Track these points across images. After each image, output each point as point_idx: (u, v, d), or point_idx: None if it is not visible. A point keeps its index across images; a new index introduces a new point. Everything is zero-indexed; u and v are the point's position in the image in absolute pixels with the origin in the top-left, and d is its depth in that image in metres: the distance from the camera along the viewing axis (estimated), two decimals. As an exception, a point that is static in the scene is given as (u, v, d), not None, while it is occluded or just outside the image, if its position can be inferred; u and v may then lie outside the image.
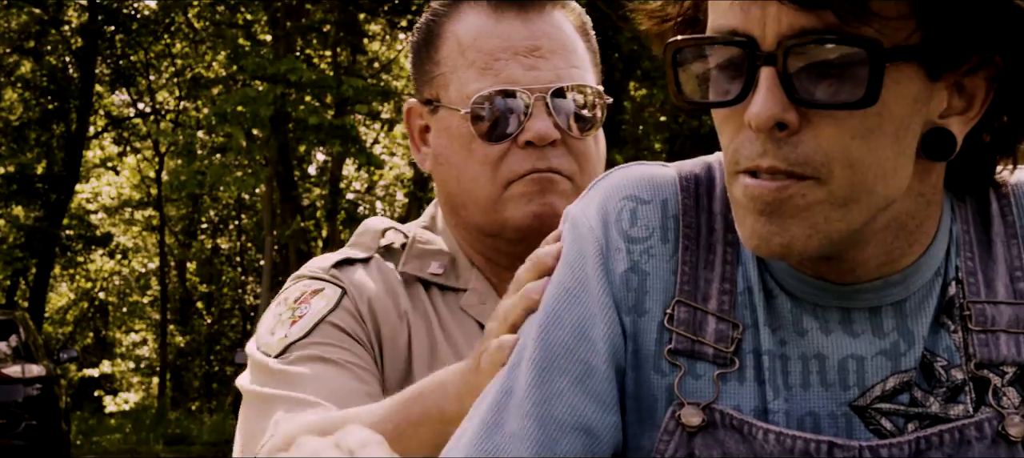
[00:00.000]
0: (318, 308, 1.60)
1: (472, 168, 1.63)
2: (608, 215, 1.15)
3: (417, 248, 1.70)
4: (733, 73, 1.02)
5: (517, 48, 1.62)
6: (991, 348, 1.09)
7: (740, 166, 1.03)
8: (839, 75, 0.98)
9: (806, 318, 1.11)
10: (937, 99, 1.03)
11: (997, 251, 1.13)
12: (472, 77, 1.62)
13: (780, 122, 0.98)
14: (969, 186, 1.14)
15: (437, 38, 1.68)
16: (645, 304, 1.13)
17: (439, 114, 1.67)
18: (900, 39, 0.97)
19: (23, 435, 12.12)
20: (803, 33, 0.97)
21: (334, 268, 1.65)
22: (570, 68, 1.64)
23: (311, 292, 1.63)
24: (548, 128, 1.60)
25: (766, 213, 1.02)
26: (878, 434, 1.09)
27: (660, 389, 1.11)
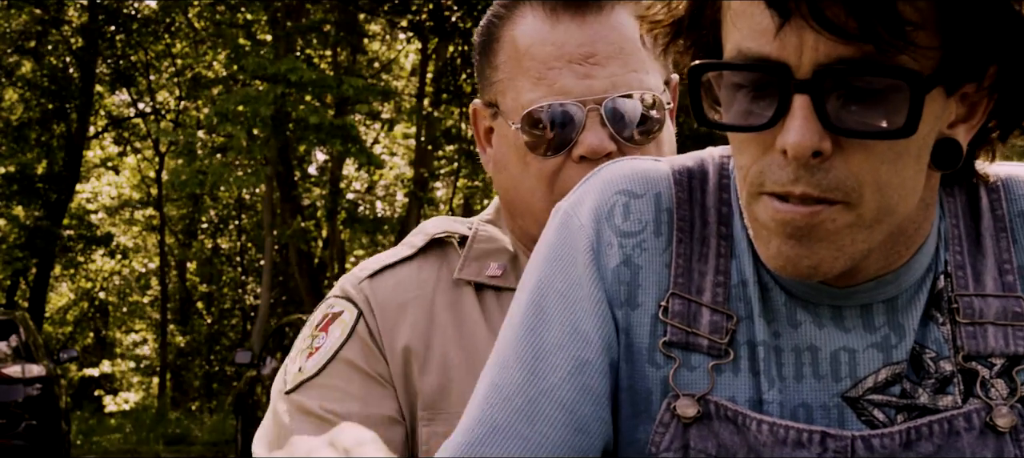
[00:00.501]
0: (333, 340, 1.59)
1: (528, 180, 1.58)
2: (600, 210, 1.16)
3: (477, 248, 1.66)
4: (759, 96, 1.01)
5: (571, 55, 1.56)
6: (979, 340, 1.10)
7: (767, 188, 1.03)
8: (875, 104, 0.97)
9: (800, 311, 1.12)
10: (949, 111, 1.04)
11: (986, 245, 1.14)
12: (526, 87, 1.57)
13: (816, 150, 0.98)
14: (956, 180, 1.15)
15: (496, 42, 1.63)
16: (638, 297, 1.14)
17: (499, 120, 1.63)
18: (930, 66, 0.98)
19: (23, 435, 12.12)
20: (840, 62, 0.96)
21: (367, 280, 1.63)
22: (628, 73, 1.57)
23: (331, 316, 1.62)
24: (602, 141, 1.53)
25: (796, 237, 1.02)
26: (870, 425, 1.10)
27: (655, 382, 1.12)
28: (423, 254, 1.66)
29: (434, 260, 1.66)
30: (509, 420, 1.10)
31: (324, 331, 1.61)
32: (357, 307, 1.60)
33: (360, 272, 1.66)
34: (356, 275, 1.66)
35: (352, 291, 1.63)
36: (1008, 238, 1.14)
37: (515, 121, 1.56)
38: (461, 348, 1.59)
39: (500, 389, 1.12)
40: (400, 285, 1.63)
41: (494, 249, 1.65)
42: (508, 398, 1.11)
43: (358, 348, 1.58)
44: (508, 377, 1.12)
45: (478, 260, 1.64)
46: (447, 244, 1.67)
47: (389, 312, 1.60)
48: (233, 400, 16.81)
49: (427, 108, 21.01)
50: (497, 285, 1.62)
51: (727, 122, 1.04)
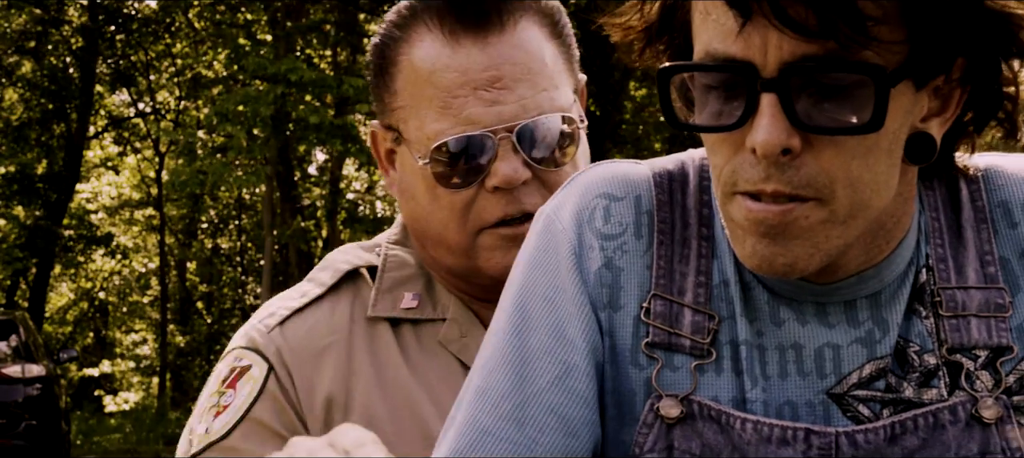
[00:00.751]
0: (242, 398, 1.48)
1: (440, 213, 1.49)
2: (581, 213, 1.17)
3: (389, 278, 1.56)
4: (729, 96, 1.02)
5: (476, 81, 1.46)
6: (962, 333, 1.11)
7: (739, 188, 1.03)
8: (842, 100, 0.98)
9: (783, 309, 1.12)
10: (920, 105, 1.05)
11: (967, 236, 1.14)
12: (431, 117, 1.47)
13: (785, 148, 0.99)
14: (935, 173, 1.16)
15: (392, 65, 1.52)
16: (620, 299, 1.14)
17: (402, 148, 1.53)
18: (896, 61, 0.98)
19: (23, 435, 12.12)
20: (805, 60, 0.97)
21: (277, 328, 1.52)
22: (538, 94, 1.48)
23: (239, 371, 1.50)
24: (515, 170, 1.46)
25: (769, 235, 1.03)
26: (855, 420, 1.10)
27: (638, 383, 1.13)
28: (334, 292, 1.55)
29: (347, 296, 1.55)
30: (498, 425, 1.11)
31: (231, 387, 1.49)
32: (267, 361, 1.49)
33: (268, 318, 1.53)
34: (264, 322, 1.53)
35: (261, 342, 1.51)
36: (989, 229, 1.14)
37: (421, 153, 1.48)
38: (383, 394, 1.49)
39: (487, 394, 1.12)
40: (314, 331, 1.52)
41: (406, 277, 1.56)
42: (496, 403, 1.12)
43: (270, 407, 1.47)
44: (495, 382, 1.13)
45: (391, 292, 1.55)
46: (359, 277, 1.57)
47: (305, 363, 1.49)
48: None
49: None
50: (414, 317, 1.53)
51: (699, 123, 1.05)
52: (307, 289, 1.57)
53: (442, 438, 1.14)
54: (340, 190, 22.67)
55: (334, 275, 1.56)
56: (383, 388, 1.49)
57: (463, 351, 1.51)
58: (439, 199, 1.49)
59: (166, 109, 25.26)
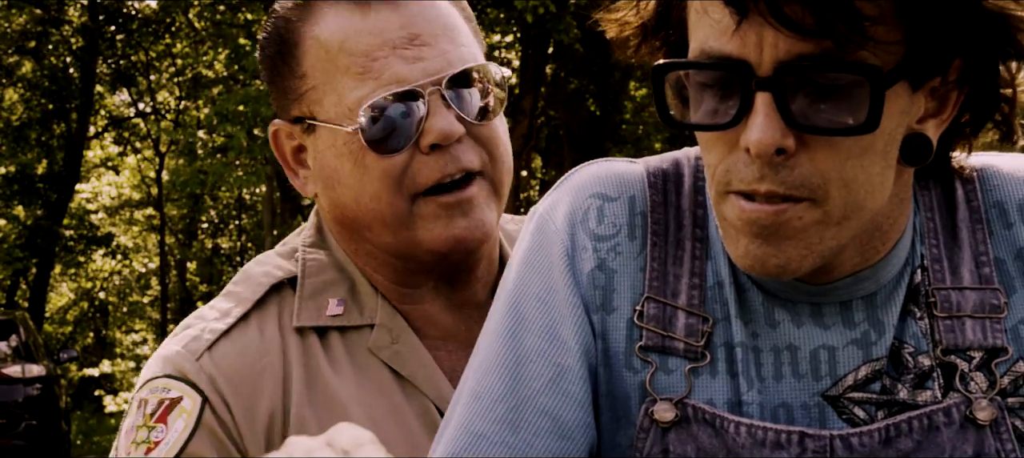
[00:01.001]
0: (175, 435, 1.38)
1: (371, 185, 1.42)
2: (575, 214, 1.16)
3: (310, 284, 1.48)
4: (724, 95, 1.02)
5: (395, 41, 1.40)
6: (957, 334, 1.10)
7: (733, 187, 1.03)
8: (837, 100, 0.98)
9: (778, 311, 1.12)
10: (916, 106, 1.04)
11: (962, 237, 1.14)
12: (351, 85, 1.40)
13: (779, 148, 0.98)
14: (931, 173, 1.15)
15: (295, 47, 1.45)
16: (613, 302, 1.14)
17: (318, 133, 1.45)
18: (893, 61, 0.98)
19: (23, 435, 12.11)
20: (800, 59, 0.96)
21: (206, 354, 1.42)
22: (460, 48, 1.43)
23: (169, 403, 1.40)
24: (451, 124, 1.40)
25: (763, 236, 1.02)
26: (850, 422, 1.10)
27: (633, 386, 1.12)
28: (260, 308, 1.47)
29: (273, 310, 1.47)
30: (492, 428, 1.11)
31: (162, 422, 1.39)
32: (200, 392, 1.39)
33: (193, 343, 1.43)
34: (189, 348, 1.43)
35: (191, 371, 1.41)
36: (984, 230, 1.14)
37: (345, 123, 1.40)
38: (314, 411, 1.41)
39: (481, 397, 1.12)
40: (246, 354, 1.42)
41: (328, 281, 1.49)
42: (490, 407, 1.11)
43: (208, 440, 1.38)
44: (489, 385, 1.13)
45: (314, 299, 1.47)
46: (283, 288, 1.49)
47: (242, 390, 1.40)
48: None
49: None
50: (341, 325, 1.46)
51: (693, 121, 1.04)
52: (228, 307, 1.47)
53: (437, 441, 1.14)
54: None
55: (256, 289, 1.48)
56: (314, 404, 1.41)
57: (395, 358, 1.45)
58: (370, 170, 1.41)
59: (166, 109, 25.25)
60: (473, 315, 1.53)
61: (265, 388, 1.41)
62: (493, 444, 1.10)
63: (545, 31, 16.09)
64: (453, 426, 1.13)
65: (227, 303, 1.48)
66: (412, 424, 1.43)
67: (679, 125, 1.06)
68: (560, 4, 14.83)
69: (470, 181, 1.44)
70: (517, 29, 17.94)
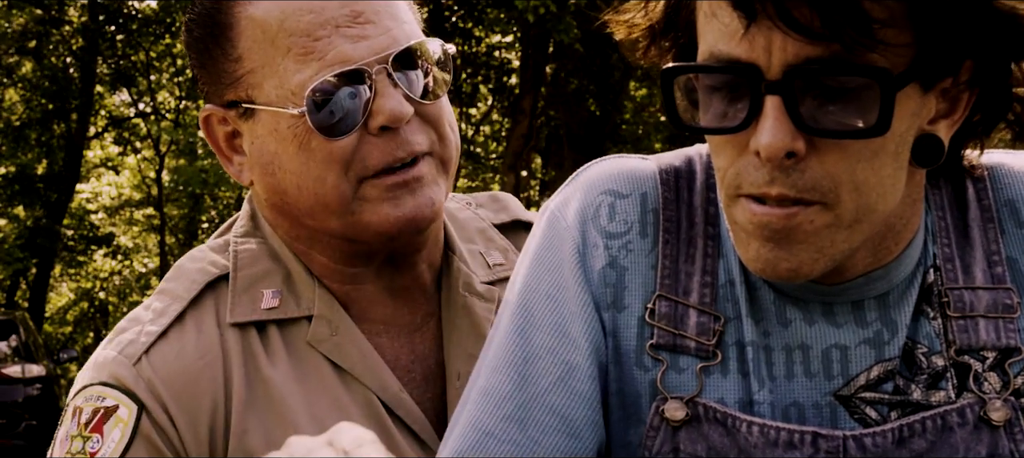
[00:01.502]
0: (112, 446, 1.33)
1: (315, 169, 1.36)
2: (586, 211, 1.15)
3: (243, 278, 1.43)
4: (734, 98, 1.01)
5: (338, 19, 1.34)
6: (971, 334, 1.10)
7: (743, 190, 1.02)
8: (847, 103, 0.97)
9: (789, 309, 1.11)
10: (927, 108, 1.04)
11: (974, 236, 1.13)
12: (293, 67, 1.34)
13: (789, 151, 0.98)
14: (942, 173, 1.15)
15: (228, 29, 1.38)
16: (624, 299, 1.13)
17: (257, 117, 1.38)
18: (903, 63, 0.97)
19: (23, 435, 12.12)
20: (809, 62, 0.96)
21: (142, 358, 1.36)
22: (403, 25, 1.37)
23: (104, 412, 1.35)
24: (401, 105, 1.34)
25: (774, 239, 1.02)
26: (863, 423, 1.09)
27: (643, 384, 1.12)
28: (195, 306, 1.41)
29: (209, 308, 1.42)
30: (500, 426, 1.10)
31: (97, 432, 1.34)
32: (136, 400, 1.34)
33: (129, 348, 1.37)
34: (125, 352, 1.37)
35: (127, 378, 1.35)
36: (995, 228, 1.13)
37: (289, 106, 1.34)
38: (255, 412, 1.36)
39: (490, 394, 1.12)
40: (184, 356, 1.37)
41: (262, 272, 1.44)
42: (498, 404, 1.11)
43: (146, 449, 1.33)
44: (497, 382, 1.12)
45: (248, 291, 1.42)
46: (219, 283, 1.43)
47: (182, 395, 1.35)
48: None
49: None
50: (277, 318, 1.41)
51: (703, 124, 1.04)
52: (163, 306, 1.42)
53: (446, 439, 1.14)
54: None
55: (191, 287, 1.43)
56: (254, 403, 1.37)
57: (335, 351, 1.41)
58: (314, 154, 1.35)
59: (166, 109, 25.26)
60: (417, 299, 1.49)
61: (205, 390, 1.36)
62: (501, 441, 1.10)
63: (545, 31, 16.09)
64: (462, 423, 1.13)
65: (161, 302, 1.43)
66: (355, 417, 1.38)
67: (689, 128, 1.06)
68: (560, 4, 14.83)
69: (418, 160, 1.39)
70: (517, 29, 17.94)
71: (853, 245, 1.04)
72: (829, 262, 1.03)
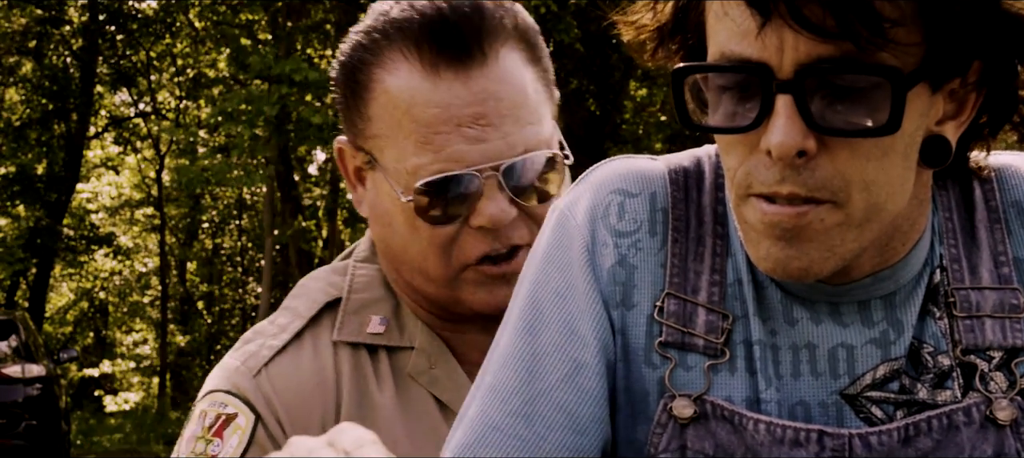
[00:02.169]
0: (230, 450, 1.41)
1: (419, 244, 1.43)
2: (596, 210, 1.16)
3: (355, 301, 1.50)
4: (744, 98, 1.01)
5: (460, 118, 1.38)
6: (977, 333, 1.10)
7: (754, 190, 1.03)
8: (857, 102, 0.97)
9: (796, 308, 1.11)
10: (935, 108, 1.04)
11: (980, 237, 1.13)
12: (410, 150, 1.40)
13: (800, 150, 0.98)
14: (949, 174, 1.15)
15: (365, 90, 1.44)
16: (633, 298, 1.13)
17: (377, 173, 1.46)
18: (913, 63, 0.98)
19: (23, 435, 12.12)
20: (821, 61, 0.96)
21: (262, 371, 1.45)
22: (523, 128, 1.42)
23: (225, 419, 1.43)
24: (502, 210, 1.40)
25: (784, 238, 1.02)
26: (868, 422, 1.09)
27: (651, 382, 1.12)
28: (314, 324, 1.49)
29: (326, 327, 1.49)
30: (506, 421, 1.10)
31: (218, 436, 1.42)
32: (254, 411, 1.43)
33: (251, 360, 1.46)
34: (247, 365, 1.46)
35: (247, 388, 1.44)
36: (1003, 229, 1.13)
37: (402, 187, 1.41)
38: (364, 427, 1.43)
39: (497, 390, 1.12)
40: (300, 373, 1.45)
41: (374, 299, 1.51)
42: (505, 399, 1.11)
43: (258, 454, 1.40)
44: (505, 378, 1.13)
45: (357, 314, 1.49)
46: (337, 306, 1.51)
47: (296, 409, 1.43)
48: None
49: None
50: (380, 344, 1.48)
51: (713, 124, 1.04)
52: (286, 322, 1.50)
53: (452, 434, 1.14)
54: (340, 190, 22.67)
55: (311, 306, 1.51)
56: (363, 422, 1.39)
57: (433, 384, 1.47)
58: (419, 232, 1.43)
59: (167, 109, 25.26)
60: None
61: (316, 407, 1.44)
62: (507, 436, 1.10)
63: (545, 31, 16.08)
64: (468, 418, 1.13)
65: (284, 318, 1.51)
66: None
67: (699, 128, 1.06)
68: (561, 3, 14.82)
69: (516, 252, 1.44)
70: (517, 29, 17.91)
71: (863, 244, 1.04)
72: (839, 261, 1.03)
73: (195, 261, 29.48)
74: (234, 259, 29.65)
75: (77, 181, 23.74)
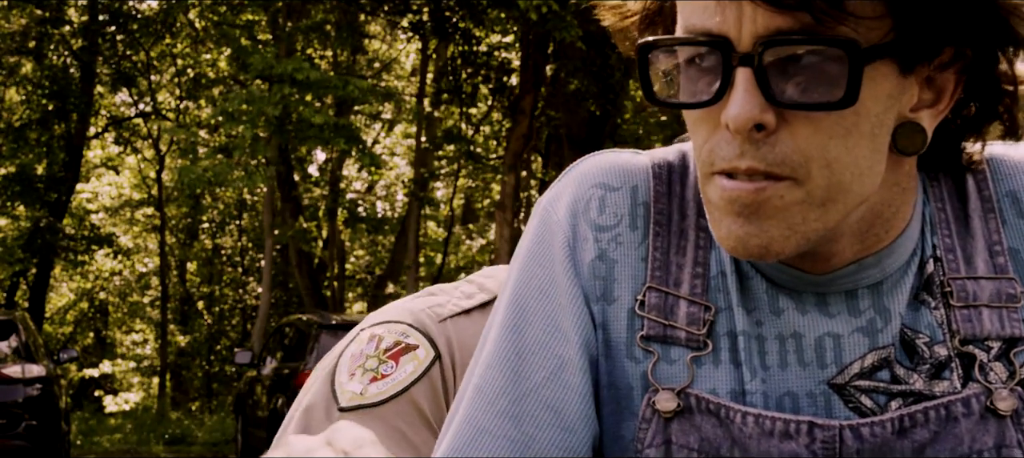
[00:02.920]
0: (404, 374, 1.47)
1: None
2: (577, 204, 1.15)
3: None
4: (706, 73, 1.01)
5: None
6: (975, 323, 1.08)
7: (716, 167, 1.02)
8: (816, 75, 0.97)
9: (782, 298, 1.10)
10: (908, 93, 1.03)
11: (974, 227, 1.12)
12: None
13: (758, 123, 0.97)
14: (941, 166, 1.14)
15: None
16: (614, 292, 1.13)
17: None
18: (876, 38, 0.96)
19: (23, 435, 12.11)
20: (779, 33, 0.96)
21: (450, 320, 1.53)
22: None
23: (405, 347, 1.50)
24: None
25: (744, 215, 1.01)
26: (858, 412, 1.08)
27: (635, 377, 1.11)
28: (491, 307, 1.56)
29: None
30: (494, 423, 1.09)
31: (394, 360, 1.49)
32: (435, 348, 1.49)
33: (438, 307, 1.54)
34: (434, 310, 1.54)
35: (433, 329, 1.51)
36: (997, 219, 1.12)
37: None
38: None
39: (484, 391, 1.11)
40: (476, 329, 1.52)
41: None
42: (492, 401, 1.10)
43: (428, 393, 1.46)
44: (491, 378, 1.12)
45: None
46: None
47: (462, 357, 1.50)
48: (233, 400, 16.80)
49: (427, 108, 21.01)
50: None
51: (678, 101, 1.04)
52: (473, 291, 1.57)
53: (442, 437, 1.13)
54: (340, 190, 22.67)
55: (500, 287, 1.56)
56: None
57: None
58: None
59: (167, 109, 25.25)
60: None
61: None
62: (496, 438, 1.09)
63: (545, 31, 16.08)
64: (457, 421, 1.12)
65: (471, 287, 1.58)
66: None
67: (663, 104, 1.05)
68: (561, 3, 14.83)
69: None
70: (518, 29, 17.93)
71: (827, 225, 1.02)
72: (801, 240, 1.02)
73: (195, 261, 29.48)
74: (234, 259, 29.64)
75: (77, 181, 23.73)
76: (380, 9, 19.72)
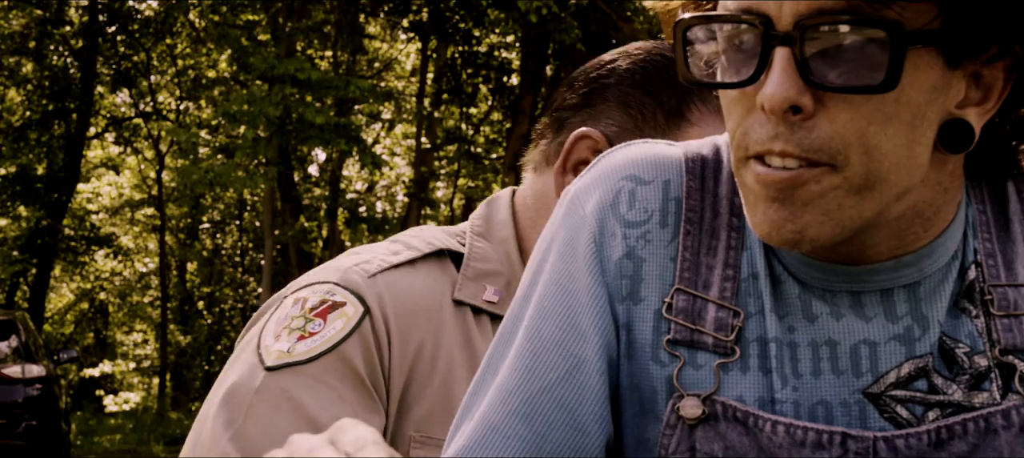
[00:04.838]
0: (332, 331, 1.43)
1: None
2: (605, 198, 1.11)
3: (474, 268, 1.56)
4: (745, 53, 0.98)
5: None
6: (1015, 333, 1.05)
7: (750, 151, 0.99)
8: (857, 58, 0.94)
9: (816, 303, 1.07)
10: (955, 89, 0.99)
11: (1015, 231, 1.09)
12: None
13: (794, 105, 0.94)
14: (988, 172, 1.11)
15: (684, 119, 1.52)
16: (641, 292, 1.09)
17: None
18: (921, 23, 0.93)
19: (23, 435, 12.11)
20: (821, 13, 0.93)
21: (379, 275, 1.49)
22: None
23: (331, 305, 1.46)
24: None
25: (779, 200, 0.98)
26: (894, 423, 1.04)
27: (660, 380, 1.07)
28: (425, 261, 1.54)
29: (436, 271, 1.54)
30: (506, 421, 1.07)
31: (321, 317, 1.44)
32: (364, 304, 1.45)
33: (365, 264, 1.50)
34: (361, 268, 1.49)
35: (362, 286, 1.47)
36: None
37: None
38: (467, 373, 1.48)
39: (498, 388, 1.09)
40: (412, 290, 1.49)
41: (490, 271, 1.56)
42: (505, 398, 1.08)
43: (359, 349, 1.43)
44: (505, 375, 1.09)
45: (475, 281, 1.55)
46: (445, 257, 1.56)
47: (403, 317, 1.47)
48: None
49: (427, 108, 21.01)
50: (493, 311, 1.54)
51: (714, 81, 1.01)
52: (398, 249, 1.54)
53: (452, 434, 1.10)
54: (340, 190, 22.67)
55: (426, 246, 1.55)
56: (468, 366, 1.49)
57: None
58: None
59: (167, 109, 25.25)
60: None
61: (422, 326, 1.48)
62: (507, 437, 1.06)
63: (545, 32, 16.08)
64: (469, 417, 1.09)
65: (395, 247, 1.55)
66: None
67: (699, 83, 1.02)
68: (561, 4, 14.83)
69: None
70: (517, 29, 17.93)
71: (863, 214, 0.99)
72: (836, 228, 0.98)
73: (195, 261, 29.47)
74: (234, 259, 29.64)
75: (77, 181, 23.71)
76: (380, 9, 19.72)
